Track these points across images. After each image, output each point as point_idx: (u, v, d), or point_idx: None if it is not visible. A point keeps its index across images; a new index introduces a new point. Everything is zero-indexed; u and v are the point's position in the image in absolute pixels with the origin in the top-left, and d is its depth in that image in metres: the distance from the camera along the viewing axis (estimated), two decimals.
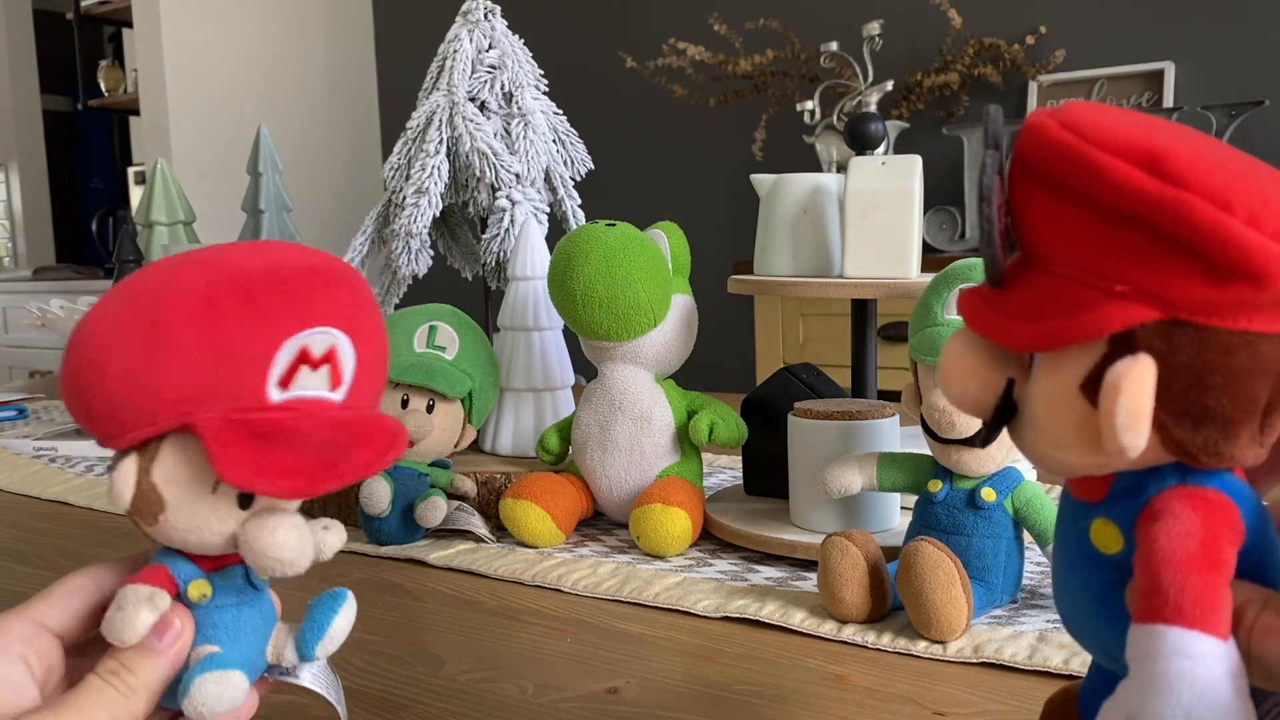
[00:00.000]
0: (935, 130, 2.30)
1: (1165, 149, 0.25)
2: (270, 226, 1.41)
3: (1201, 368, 0.26)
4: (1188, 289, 0.25)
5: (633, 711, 0.48)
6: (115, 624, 0.33)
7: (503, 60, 0.94)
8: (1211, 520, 0.27)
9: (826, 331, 2.13)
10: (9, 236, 4.09)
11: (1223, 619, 0.25)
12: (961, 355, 0.29)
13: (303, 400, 0.34)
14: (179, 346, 0.32)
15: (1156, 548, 0.26)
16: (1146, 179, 0.25)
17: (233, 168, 2.90)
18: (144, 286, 0.34)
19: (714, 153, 2.76)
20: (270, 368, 0.33)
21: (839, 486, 0.62)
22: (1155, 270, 0.25)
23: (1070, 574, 0.30)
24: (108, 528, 0.82)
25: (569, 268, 0.72)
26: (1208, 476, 0.27)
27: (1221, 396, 0.26)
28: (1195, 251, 0.25)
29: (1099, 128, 0.26)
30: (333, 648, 0.38)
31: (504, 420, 0.89)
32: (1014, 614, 0.58)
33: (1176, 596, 0.25)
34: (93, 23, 3.63)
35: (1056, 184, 0.27)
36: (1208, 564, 0.26)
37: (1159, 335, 0.26)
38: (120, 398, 0.32)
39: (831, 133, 2.19)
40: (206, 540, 0.35)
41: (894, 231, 0.75)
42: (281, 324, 0.33)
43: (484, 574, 0.68)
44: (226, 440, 0.32)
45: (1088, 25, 2.21)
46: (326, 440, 0.33)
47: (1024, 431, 0.29)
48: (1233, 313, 0.25)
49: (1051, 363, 0.27)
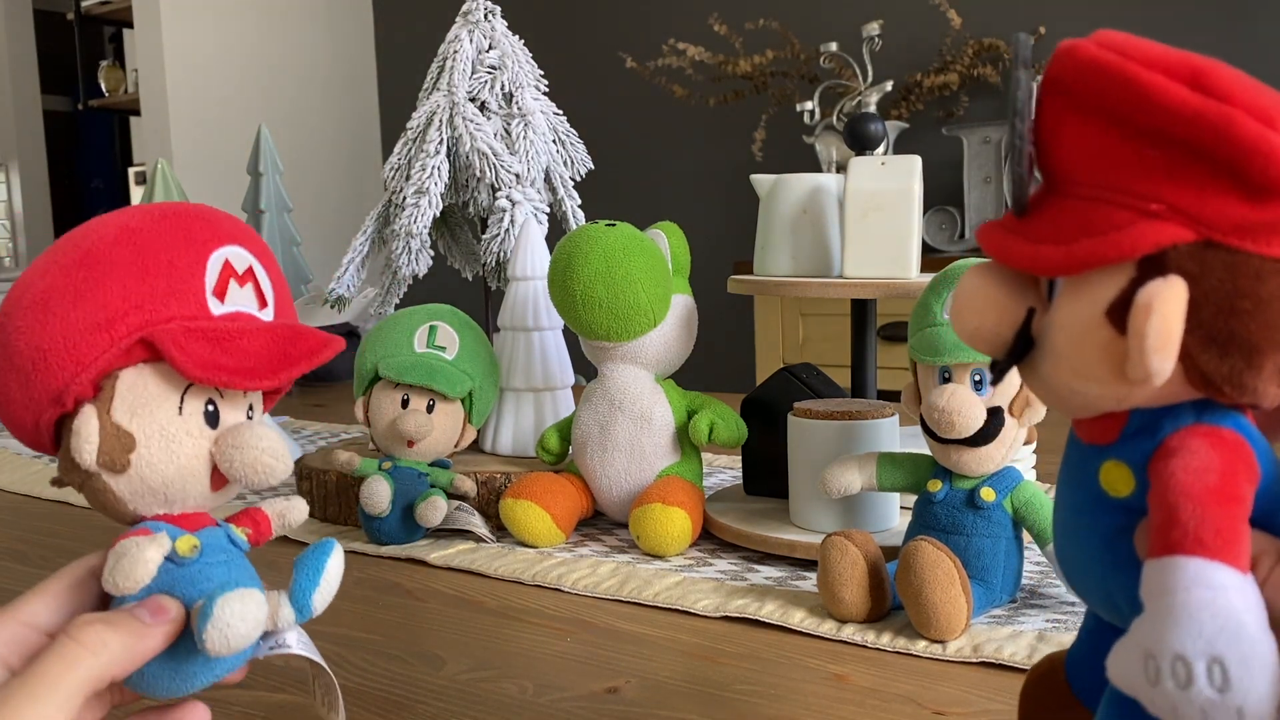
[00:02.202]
0: (935, 130, 2.30)
1: (1208, 67, 0.25)
2: (270, 226, 1.41)
3: (1232, 292, 0.25)
4: (1224, 209, 0.25)
5: (633, 711, 0.48)
6: (122, 568, 0.33)
7: (503, 60, 0.94)
8: (1229, 457, 0.26)
9: (826, 331, 2.13)
10: (9, 236, 4.09)
11: (1243, 551, 0.25)
12: (979, 287, 0.29)
13: (241, 314, 0.36)
14: (116, 263, 0.34)
15: (1175, 482, 0.26)
16: (1190, 94, 0.24)
17: (233, 168, 2.90)
18: (61, 242, 0.36)
19: (714, 153, 2.76)
20: (204, 276, 0.35)
21: (839, 486, 0.62)
22: (1191, 189, 0.25)
23: (1076, 518, 0.30)
24: (108, 527, 0.82)
25: (569, 268, 0.72)
26: (1223, 416, 0.27)
27: (1250, 323, 0.25)
28: (1236, 168, 0.24)
29: (1139, 47, 0.26)
30: (329, 596, 0.37)
31: (504, 420, 0.89)
32: (1013, 614, 0.58)
33: (1197, 528, 0.24)
34: (93, 23, 3.63)
35: (1093, 104, 0.26)
36: (1227, 497, 0.25)
37: (1191, 257, 0.25)
38: (73, 324, 0.33)
39: (831, 133, 2.19)
40: (184, 467, 0.35)
41: (894, 231, 0.75)
42: (201, 239, 0.36)
43: (484, 574, 0.68)
44: (182, 344, 0.34)
45: (1088, 25, 2.20)
46: (272, 338, 0.36)
47: (1042, 364, 0.28)
48: (1268, 236, 0.25)
49: (1076, 288, 0.27)
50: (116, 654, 0.32)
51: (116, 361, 0.34)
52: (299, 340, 0.36)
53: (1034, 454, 0.75)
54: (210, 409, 0.36)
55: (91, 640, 0.31)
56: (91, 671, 0.31)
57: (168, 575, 0.35)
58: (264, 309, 0.37)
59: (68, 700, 0.30)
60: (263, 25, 3.11)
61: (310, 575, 0.36)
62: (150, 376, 0.34)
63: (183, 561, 0.35)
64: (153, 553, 0.33)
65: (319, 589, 0.36)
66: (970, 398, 0.56)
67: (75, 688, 0.31)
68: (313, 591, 0.36)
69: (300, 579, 0.36)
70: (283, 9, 3.16)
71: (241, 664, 0.36)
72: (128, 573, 0.33)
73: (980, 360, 0.56)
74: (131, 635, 0.32)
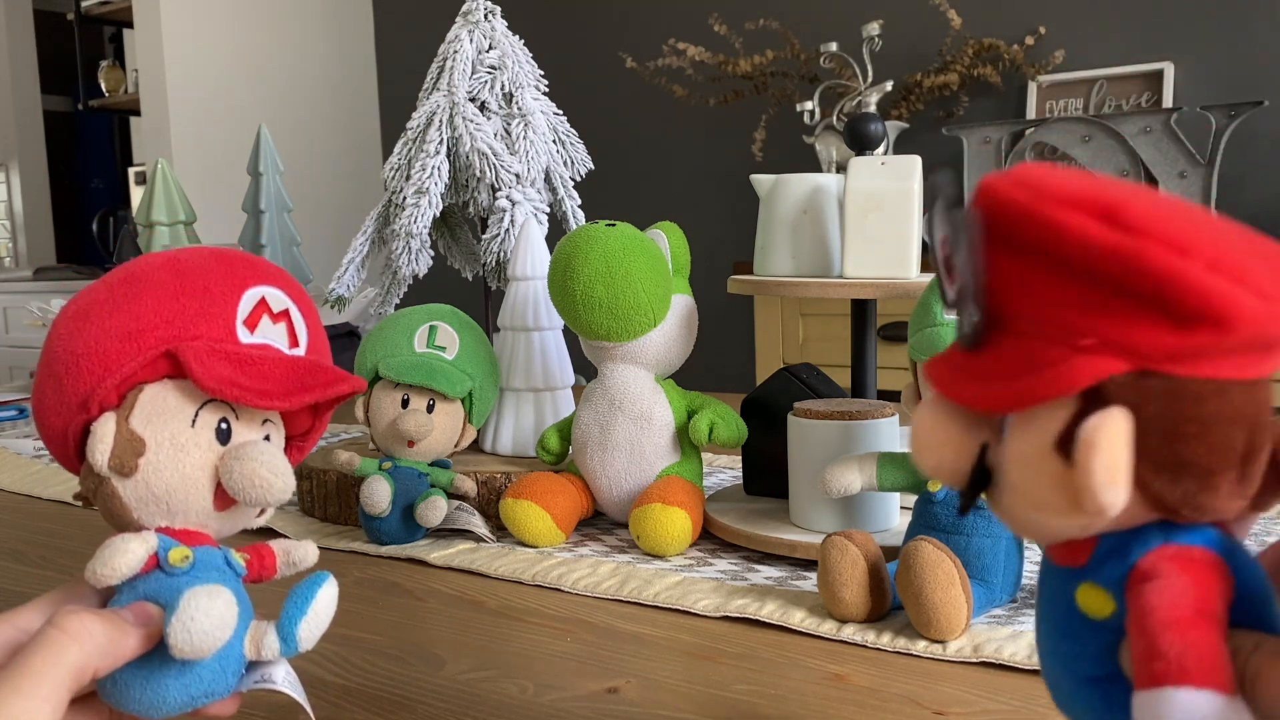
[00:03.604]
0: (935, 130, 2.30)
1: (1121, 200, 0.25)
2: (270, 226, 1.41)
3: (1175, 417, 0.25)
4: (1153, 338, 0.25)
5: (633, 711, 0.48)
6: (103, 556, 0.33)
7: (503, 60, 0.94)
8: (1201, 577, 0.26)
9: (826, 331, 2.13)
10: (9, 236, 4.09)
11: (1227, 673, 0.25)
12: (931, 425, 0.29)
13: (269, 345, 0.38)
14: (156, 283, 0.36)
15: (1152, 612, 0.26)
16: (1102, 229, 0.24)
17: (233, 168, 2.90)
18: (119, 266, 0.38)
19: (714, 153, 2.76)
20: (238, 305, 0.37)
21: (839, 486, 0.62)
22: (1120, 322, 0.25)
23: (1061, 641, 0.30)
24: (107, 527, 0.82)
25: (569, 268, 0.72)
26: (1191, 533, 0.27)
27: (1198, 446, 0.25)
28: (1157, 300, 0.24)
29: (1054, 183, 0.26)
30: (317, 630, 0.36)
31: (504, 420, 0.89)
32: (1013, 614, 0.58)
33: (1179, 657, 0.25)
34: (93, 23, 3.62)
35: (1015, 242, 0.26)
36: (1205, 619, 0.26)
37: (1130, 387, 0.25)
38: (106, 332, 0.35)
39: (831, 133, 2.19)
40: (188, 476, 0.35)
41: (894, 231, 0.75)
42: (241, 275, 0.38)
43: (484, 574, 0.68)
44: (204, 360, 0.35)
45: (1087, 25, 2.21)
46: (293, 368, 0.37)
47: (1002, 497, 0.29)
48: (1200, 360, 0.25)
49: (1024, 423, 0.27)
50: (101, 643, 0.32)
51: (142, 373, 0.35)
52: (319, 372, 0.37)
53: None
54: (224, 426, 0.36)
55: (76, 628, 0.32)
56: (77, 660, 0.31)
57: (155, 582, 0.35)
58: (294, 348, 0.39)
59: (54, 691, 0.30)
60: (263, 25, 3.11)
61: (299, 605, 0.35)
62: (171, 390, 0.36)
63: (173, 571, 0.35)
64: (136, 545, 0.34)
65: (306, 619, 0.35)
66: None
67: (62, 676, 0.31)
68: (299, 620, 0.35)
69: (288, 608, 0.36)
70: (283, 9, 3.16)
71: (225, 694, 0.35)
72: (107, 560, 0.33)
73: None
74: (116, 629, 0.33)
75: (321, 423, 0.41)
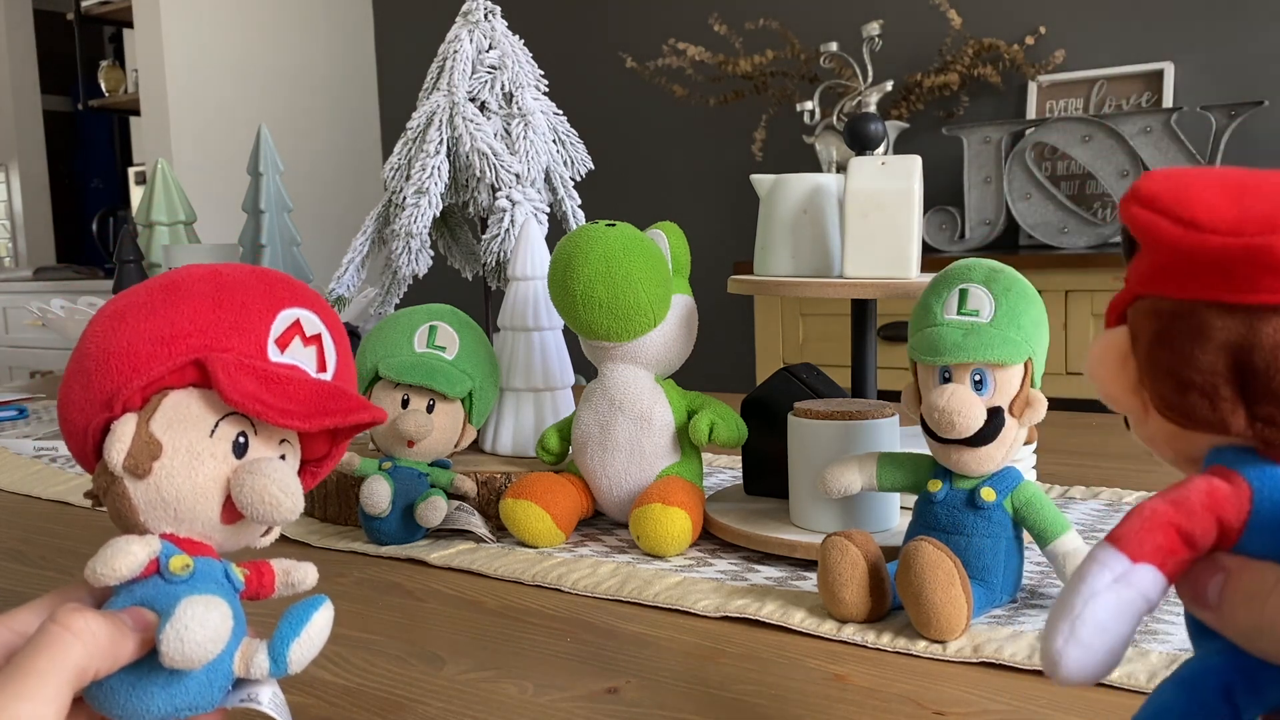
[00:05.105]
0: (935, 130, 2.30)
1: (1143, 180, 0.30)
2: (270, 227, 1.41)
3: (1153, 331, 0.30)
4: (1130, 270, 0.31)
5: (633, 711, 0.48)
6: (104, 556, 0.33)
7: (503, 60, 0.94)
8: (1214, 492, 0.29)
9: (826, 331, 2.13)
10: (9, 236, 4.09)
11: (1152, 549, 0.28)
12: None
13: (297, 367, 0.38)
14: (194, 293, 0.37)
15: (1153, 498, 0.30)
16: (1127, 202, 0.30)
17: (233, 168, 2.90)
18: (153, 279, 0.39)
19: (714, 153, 2.76)
20: (272, 323, 0.37)
21: (839, 486, 0.62)
22: (1130, 262, 0.31)
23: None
24: (108, 527, 0.82)
25: (569, 268, 0.72)
26: (1244, 463, 0.29)
27: (1171, 356, 0.29)
28: (1126, 238, 0.31)
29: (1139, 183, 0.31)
30: (309, 652, 0.35)
31: (504, 420, 0.89)
32: (1014, 614, 0.58)
33: (1122, 525, 0.29)
34: (93, 23, 3.63)
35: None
36: (1176, 511, 0.29)
37: (1133, 310, 0.31)
38: (140, 334, 0.36)
39: (831, 133, 2.20)
40: (199, 486, 0.35)
41: (894, 231, 0.75)
42: (279, 295, 0.38)
43: (484, 574, 0.68)
44: (231, 372, 0.36)
45: (1087, 25, 2.21)
46: (317, 391, 0.37)
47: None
48: (1156, 282, 0.30)
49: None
50: (104, 644, 0.32)
51: (169, 378, 0.36)
52: (342, 398, 0.38)
53: (1034, 454, 0.75)
54: (241, 440, 0.36)
55: (80, 626, 0.31)
56: (80, 660, 0.31)
57: (153, 588, 0.35)
58: (321, 372, 0.39)
59: (58, 692, 0.30)
60: (263, 25, 3.11)
61: (292, 626, 0.35)
62: (195, 399, 0.36)
63: (172, 579, 0.35)
64: (138, 548, 0.34)
65: (298, 641, 0.35)
66: (970, 398, 0.56)
67: (66, 677, 0.30)
68: (292, 642, 0.35)
69: (282, 629, 0.35)
70: (283, 9, 3.16)
71: (209, 708, 0.35)
72: (108, 560, 0.33)
73: (980, 361, 0.56)
74: (117, 630, 0.32)
75: (338, 450, 0.41)
